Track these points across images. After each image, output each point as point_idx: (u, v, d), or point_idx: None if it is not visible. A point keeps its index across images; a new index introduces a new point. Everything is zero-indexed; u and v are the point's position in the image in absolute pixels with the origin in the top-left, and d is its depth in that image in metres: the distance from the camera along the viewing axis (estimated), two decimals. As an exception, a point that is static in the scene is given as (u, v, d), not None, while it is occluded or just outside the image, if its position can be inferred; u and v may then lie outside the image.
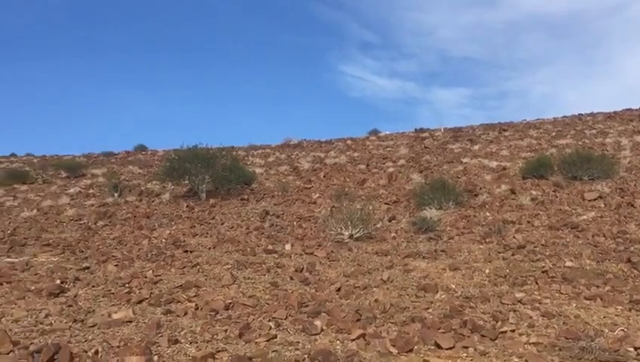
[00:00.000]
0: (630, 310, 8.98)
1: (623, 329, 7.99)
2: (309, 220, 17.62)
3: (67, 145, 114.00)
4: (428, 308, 9.38)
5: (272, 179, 24.61)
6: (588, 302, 9.47)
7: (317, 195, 21.11)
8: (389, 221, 17.15)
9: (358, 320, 8.82)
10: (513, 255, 12.74)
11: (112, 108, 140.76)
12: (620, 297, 9.58)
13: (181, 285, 10.78)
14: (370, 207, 17.67)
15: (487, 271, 11.63)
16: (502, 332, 7.99)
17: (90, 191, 24.70)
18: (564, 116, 35.49)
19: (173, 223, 17.78)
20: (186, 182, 22.65)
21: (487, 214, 17.02)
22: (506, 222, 15.69)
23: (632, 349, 7.18)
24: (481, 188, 20.02)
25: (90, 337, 7.94)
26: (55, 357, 6.80)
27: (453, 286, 10.61)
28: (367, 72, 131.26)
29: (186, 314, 9.13)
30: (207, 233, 16.19)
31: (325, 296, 10.19)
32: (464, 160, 25.43)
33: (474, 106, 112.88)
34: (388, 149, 30.59)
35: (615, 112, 34.17)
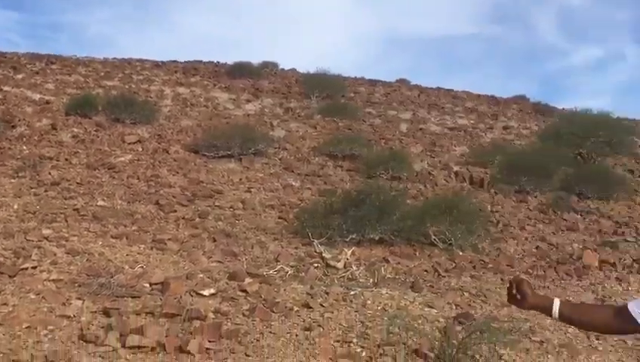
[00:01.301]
0: (152, 249, 9.65)
1: (142, 267, 8.56)
2: None
3: None
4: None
5: None
6: (114, 240, 9.83)
7: None
8: None
9: None
10: (46, 191, 12.42)
11: None
12: (144, 236, 10.20)
13: None
14: None
15: (15, 206, 11.11)
16: (22, 269, 7.75)
17: None
18: (115, 58, 35.39)
19: None
20: None
21: (24, 148, 16.16)
22: (43, 158, 15.14)
23: (147, 285, 7.73)
24: (20, 120, 18.82)
25: None
26: None
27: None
28: None
29: None
30: None
31: None
32: (4, 88, 23.48)
33: (23, 34, 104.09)
34: None
35: (162, 62, 35.33)
